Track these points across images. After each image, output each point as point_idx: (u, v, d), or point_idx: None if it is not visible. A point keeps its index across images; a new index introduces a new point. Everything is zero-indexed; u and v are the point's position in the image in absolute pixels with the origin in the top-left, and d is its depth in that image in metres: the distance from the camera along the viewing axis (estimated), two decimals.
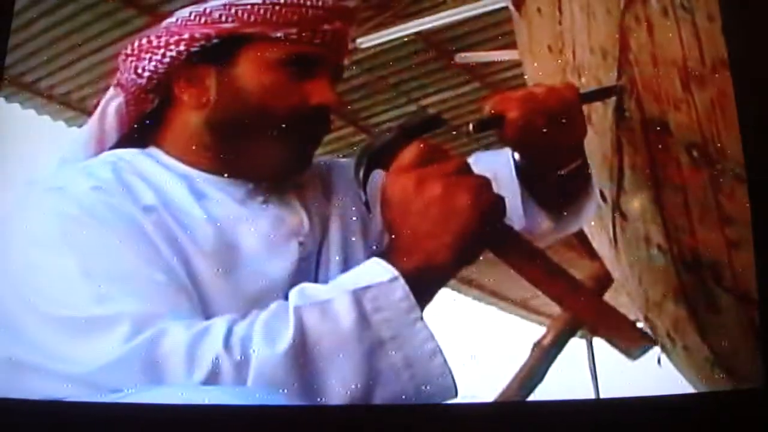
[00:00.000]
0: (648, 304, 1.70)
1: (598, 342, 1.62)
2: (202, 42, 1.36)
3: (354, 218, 1.46)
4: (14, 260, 1.27)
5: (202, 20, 1.36)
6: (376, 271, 1.21)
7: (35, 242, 1.25)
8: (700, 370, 1.61)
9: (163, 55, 1.37)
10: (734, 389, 1.26)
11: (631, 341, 1.25)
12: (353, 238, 1.45)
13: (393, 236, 1.25)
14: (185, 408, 1.14)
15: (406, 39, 2.45)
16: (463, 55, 2.51)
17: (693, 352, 1.63)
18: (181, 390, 1.15)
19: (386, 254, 1.23)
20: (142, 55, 1.39)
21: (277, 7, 1.35)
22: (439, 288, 1.25)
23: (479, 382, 1.27)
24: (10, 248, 1.28)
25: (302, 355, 1.16)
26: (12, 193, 1.39)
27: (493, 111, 1.45)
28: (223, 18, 1.35)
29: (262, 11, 1.35)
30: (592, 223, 1.79)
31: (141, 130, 1.44)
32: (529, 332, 1.61)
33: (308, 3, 1.36)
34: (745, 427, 1.25)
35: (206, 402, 1.14)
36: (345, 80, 1.46)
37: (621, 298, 1.76)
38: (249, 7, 1.35)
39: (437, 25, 2.45)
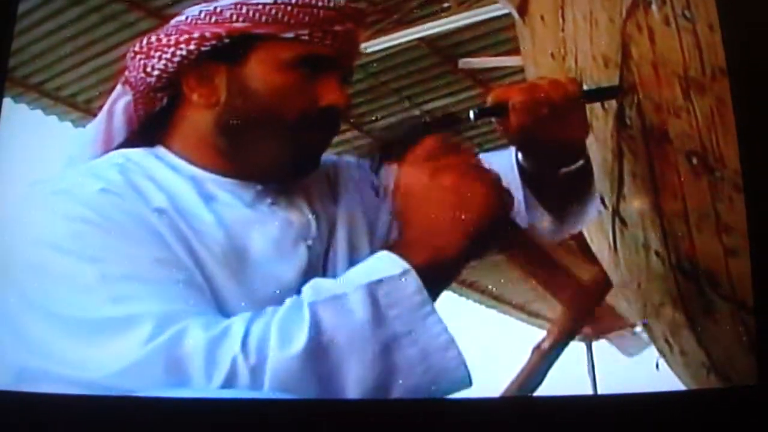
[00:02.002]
0: (646, 309, 1.71)
1: (598, 346, 1.63)
2: (213, 41, 1.35)
3: (360, 218, 1.46)
4: (22, 264, 1.27)
5: (213, 19, 1.35)
6: (387, 264, 1.22)
7: (44, 245, 1.24)
8: (697, 376, 1.62)
9: (173, 54, 1.36)
10: (728, 387, 1.27)
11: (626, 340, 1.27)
12: (360, 239, 1.45)
13: (404, 228, 1.27)
14: (202, 402, 1.15)
15: (409, 44, 2.46)
16: (466, 60, 2.51)
17: (690, 357, 1.63)
18: (201, 394, 1.16)
19: (397, 247, 1.25)
20: (152, 53, 1.38)
21: (288, 8, 1.34)
22: (450, 281, 1.27)
23: (478, 384, 1.28)
24: (16, 251, 1.28)
25: (319, 352, 1.16)
26: (19, 194, 1.39)
27: (496, 99, 1.46)
28: (234, 17, 1.35)
29: (273, 11, 1.34)
30: (592, 227, 1.79)
31: (149, 129, 1.43)
32: (529, 336, 1.62)
33: (320, 4, 1.36)
34: (738, 424, 1.26)
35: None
36: (349, 84, 1.46)
37: (620, 303, 1.77)
38: (260, 7, 1.35)
39: (441, 31, 2.46)
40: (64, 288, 1.22)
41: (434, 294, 1.23)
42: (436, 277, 1.23)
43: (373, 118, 2.41)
